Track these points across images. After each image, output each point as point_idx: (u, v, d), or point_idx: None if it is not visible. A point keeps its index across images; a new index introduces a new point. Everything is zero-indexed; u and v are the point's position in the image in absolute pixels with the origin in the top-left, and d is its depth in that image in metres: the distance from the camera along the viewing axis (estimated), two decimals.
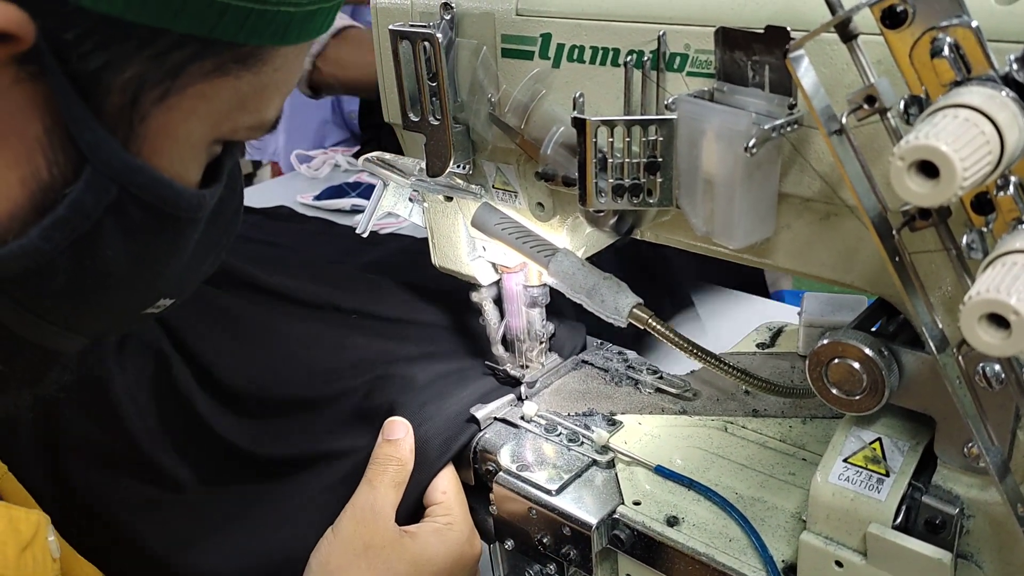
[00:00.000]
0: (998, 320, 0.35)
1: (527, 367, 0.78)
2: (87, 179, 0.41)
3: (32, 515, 0.50)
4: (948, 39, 0.38)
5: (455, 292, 0.80)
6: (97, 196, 0.42)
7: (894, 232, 0.43)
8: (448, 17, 0.61)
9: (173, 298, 0.52)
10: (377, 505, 0.67)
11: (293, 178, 1.94)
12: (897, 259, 0.44)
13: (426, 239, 0.78)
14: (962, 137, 0.35)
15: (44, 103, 0.40)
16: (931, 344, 0.45)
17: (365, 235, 0.74)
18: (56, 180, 0.41)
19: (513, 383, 0.77)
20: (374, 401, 0.76)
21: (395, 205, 0.74)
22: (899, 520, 0.52)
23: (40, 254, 0.42)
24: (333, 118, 2.06)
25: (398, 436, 0.70)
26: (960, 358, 0.45)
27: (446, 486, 0.71)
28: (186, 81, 0.42)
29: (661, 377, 0.77)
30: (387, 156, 0.68)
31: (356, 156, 1.99)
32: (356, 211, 1.66)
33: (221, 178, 0.49)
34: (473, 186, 0.69)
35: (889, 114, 0.41)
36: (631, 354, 0.82)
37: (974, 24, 0.38)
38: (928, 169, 0.35)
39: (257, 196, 1.82)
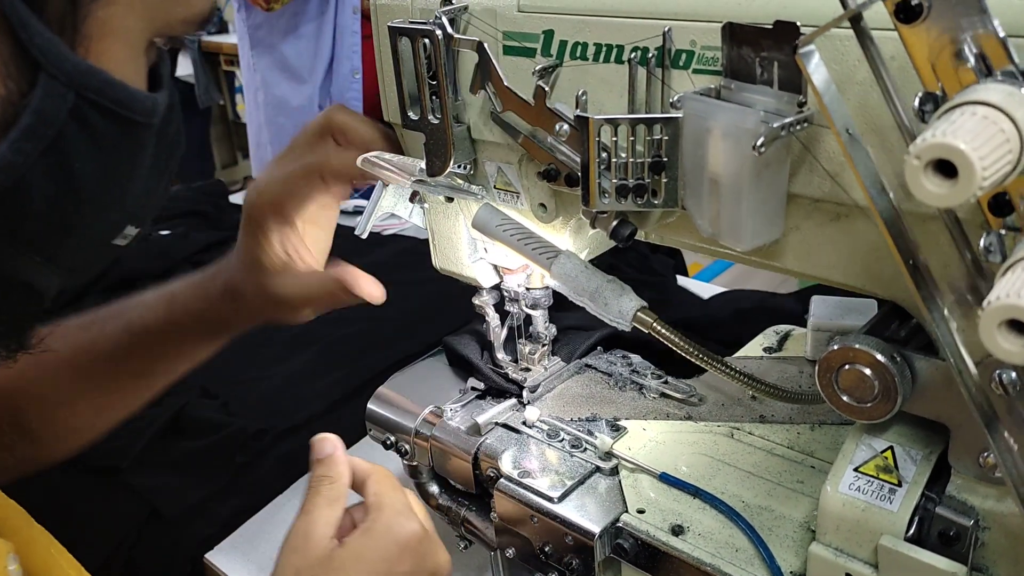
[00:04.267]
0: (1018, 326, 0.33)
1: (529, 370, 0.77)
2: (44, 86, 0.42)
3: None
4: (969, 41, 0.37)
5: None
6: (56, 103, 0.43)
7: (908, 234, 0.41)
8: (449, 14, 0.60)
9: (136, 225, 0.53)
10: (310, 529, 0.64)
11: None
12: (911, 262, 0.42)
13: (428, 240, 0.77)
14: (981, 135, 0.33)
15: None
16: (946, 350, 0.44)
17: (364, 236, 0.73)
18: (12, 93, 0.42)
19: (516, 387, 0.76)
20: None
21: (395, 206, 0.73)
22: (912, 532, 0.50)
23: (13, 168, 0.43)
24: None
25: (327, 453, 0.67)
26: (977, 365, 0.43)
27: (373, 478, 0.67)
28: None
29: (666, 382, 0.76)
30: (386, 156, 0.67)
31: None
32: (358, 211, 1.64)
33: (164, 84, 0.50)
34: (474, 187, 0.67)
35: (900, 108, 0.40)
36: (635, 358, 0.80)
37: (1001, 35, 0.36)
38: (945, 169, 0.33)
39: None
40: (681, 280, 1.36)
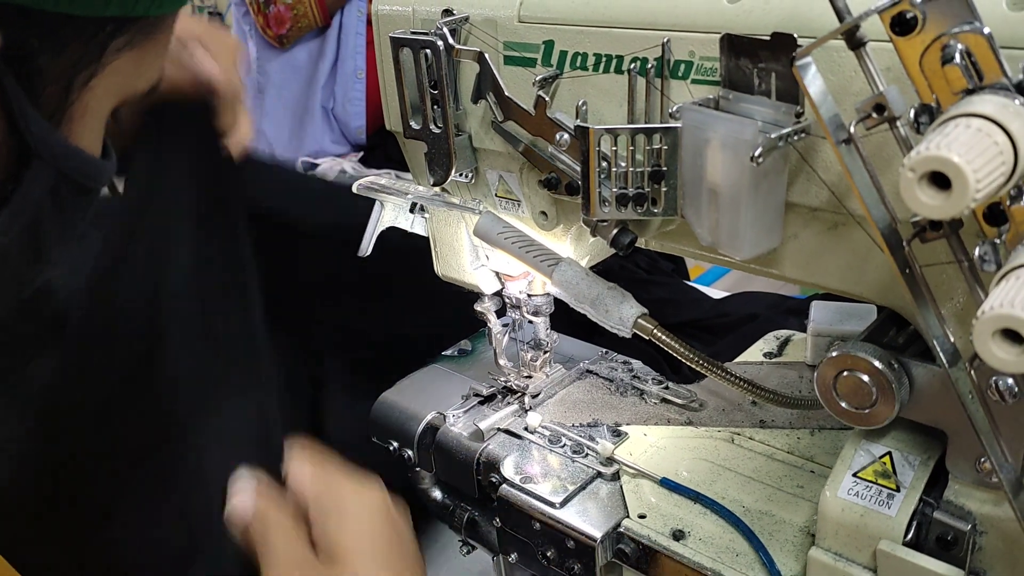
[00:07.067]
0: (1012, 335, 0.34)
1: (531, 377, 0.77)
2: (34, 170, 0.44)
3: None
4: (959, 46, 0.37)
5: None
6: (41, 184, 0.45)
7: (904, 244, 0.42)
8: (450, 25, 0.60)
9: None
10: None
11: None
12: (907, 271, 0.42)
13: (427, 243, 0.78)
14: (975, 148, 0.34)
15: None
16: (943, 358, 0.44)
17: (367, 254, 0.74)
18: (1, 173, 0.44)
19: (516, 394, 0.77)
20: None
21: (396, 219, 0.74)
22: (910, 536, 0.51)
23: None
24: (331, 136, 2.05)
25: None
26: (972, 372, 0.44)
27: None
28: (106, 60, 0.45)
29: (667, 387, 0.76)
30: (381, 181, 0.68)
31: (362, 161, 1.99)
32: None
33: (110, 153, 0.51)
34: (471, 201, 0.68)
35: (899, 123, 0.40)
36: (636, 363, 0.81)
37: (986, 31, 0.37)
38: (940, 180, 0.34)
39: None
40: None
